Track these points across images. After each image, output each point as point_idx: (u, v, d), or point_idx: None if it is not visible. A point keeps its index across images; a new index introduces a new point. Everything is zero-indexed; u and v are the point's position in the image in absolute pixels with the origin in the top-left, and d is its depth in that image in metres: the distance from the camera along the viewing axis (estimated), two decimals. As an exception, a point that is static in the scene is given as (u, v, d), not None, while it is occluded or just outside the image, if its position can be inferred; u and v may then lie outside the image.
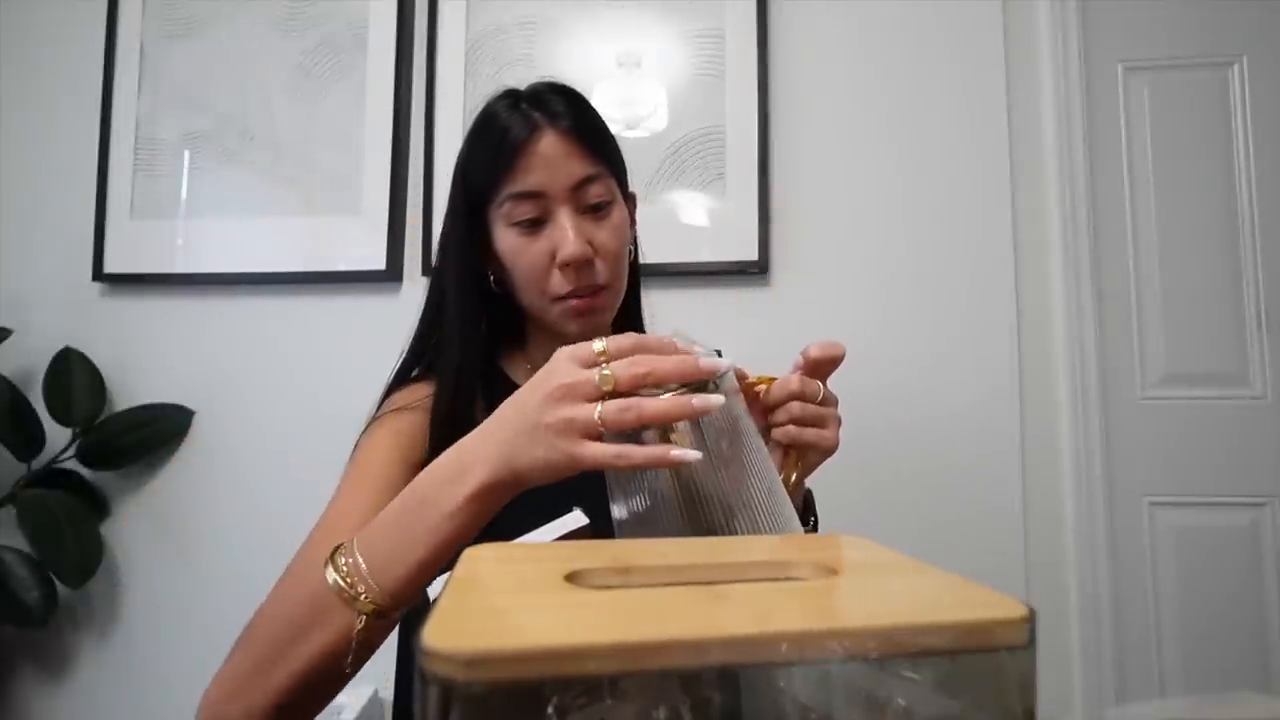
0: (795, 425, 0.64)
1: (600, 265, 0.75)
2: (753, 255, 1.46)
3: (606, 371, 0.49)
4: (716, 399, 0.48)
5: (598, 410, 0.48)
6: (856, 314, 1.46)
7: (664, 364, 0.49)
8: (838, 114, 1.50)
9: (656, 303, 0.92)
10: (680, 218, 1.48)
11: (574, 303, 0.75)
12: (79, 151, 1.60)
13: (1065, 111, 1.47)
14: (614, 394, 0.49)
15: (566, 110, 0.75)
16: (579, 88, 0.80)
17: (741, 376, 0.64)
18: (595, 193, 0.74)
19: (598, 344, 0.51)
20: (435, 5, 1.56)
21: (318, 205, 1.55)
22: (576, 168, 0.73)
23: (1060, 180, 1.46)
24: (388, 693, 1.00)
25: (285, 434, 1.52)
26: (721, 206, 1.48)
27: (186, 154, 1.59)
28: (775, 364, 1.58)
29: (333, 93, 1.57)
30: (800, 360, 0.65)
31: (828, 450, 0.66)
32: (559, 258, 0.73)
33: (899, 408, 1.43)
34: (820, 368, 0.65)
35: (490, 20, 1.54)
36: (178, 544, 1.54)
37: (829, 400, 0.66)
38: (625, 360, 0.49)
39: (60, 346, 1.52)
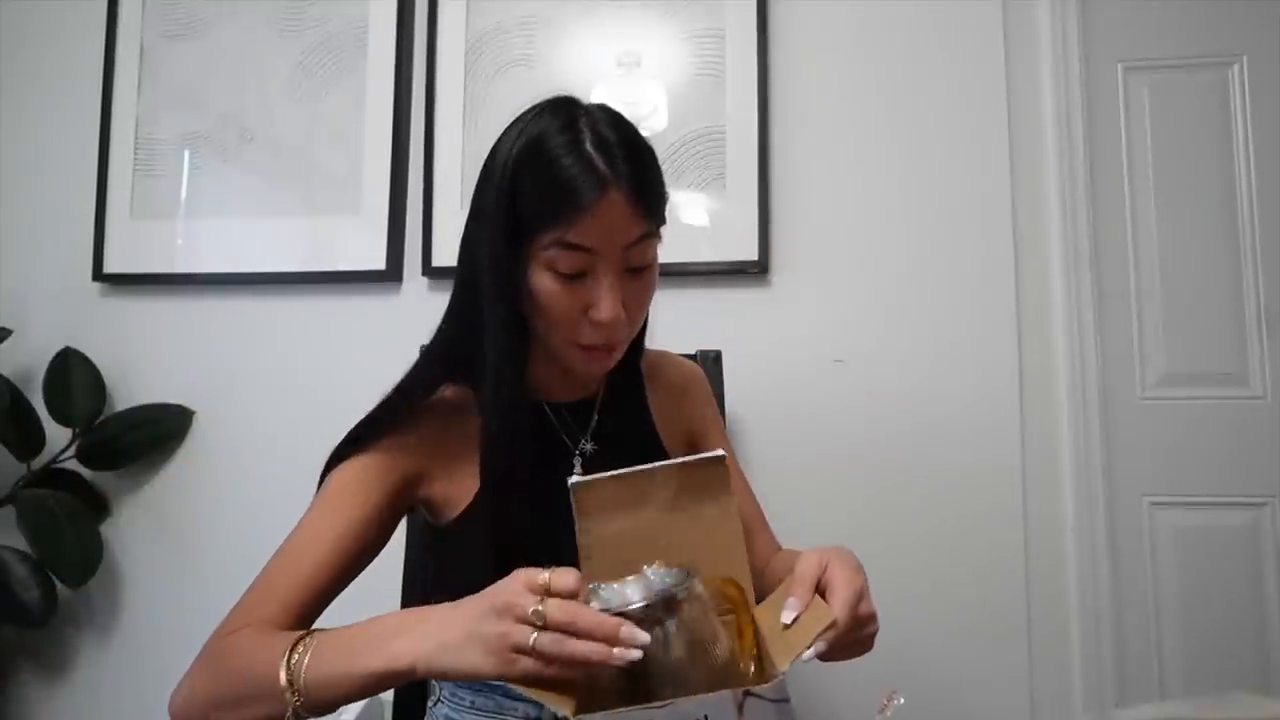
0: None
1: (624, 322, 0.74)
2: (753, 255, 1.45)
3: (540, 608, 0.52)
4: (634, 654, 0.51)
5: (533, 636, 0.51)
6: (856, 314, 1.46)
7: (578, 642, 0.51)
8: (838, 114, 1.50)
9: (657, 303, 0.92)
10: (680, 218, 1.48)
11: (594, 353, 0.76)
12: (79, 151, 1.60)
13: (1065, 111, 1.47)
14: (545, 626, 0.52)
15: (632, 165, 0.71)
16: (579, 88, 0.80)
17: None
18: (639, 253, 0.73)
19: (543, 575, 0.54)
20: (435, 5, 1.56)
21: (318, 205, 1.55)
22: (632, 229, 0.71)
23: (1060, 180, 1.45)
24: (388, 692, 1.00)
25: (285, 434, 1.52)
26: (721, 206, 1.47)
27: (186, 154, 1.59)
28: (775, 363, 1.55)
29: (333, 93, 1.57)
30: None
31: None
32: (594, 316, 0.72)
33: (899, 407, 1.43)
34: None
35: (490, 20, 1.54)
36: (178, 544, 1.54)
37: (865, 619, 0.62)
38: (560, 609, 0.52)
39: (60, 346, 1.52)
